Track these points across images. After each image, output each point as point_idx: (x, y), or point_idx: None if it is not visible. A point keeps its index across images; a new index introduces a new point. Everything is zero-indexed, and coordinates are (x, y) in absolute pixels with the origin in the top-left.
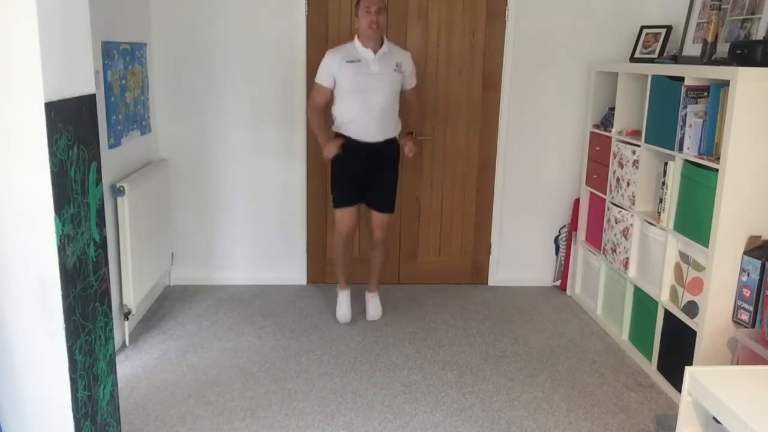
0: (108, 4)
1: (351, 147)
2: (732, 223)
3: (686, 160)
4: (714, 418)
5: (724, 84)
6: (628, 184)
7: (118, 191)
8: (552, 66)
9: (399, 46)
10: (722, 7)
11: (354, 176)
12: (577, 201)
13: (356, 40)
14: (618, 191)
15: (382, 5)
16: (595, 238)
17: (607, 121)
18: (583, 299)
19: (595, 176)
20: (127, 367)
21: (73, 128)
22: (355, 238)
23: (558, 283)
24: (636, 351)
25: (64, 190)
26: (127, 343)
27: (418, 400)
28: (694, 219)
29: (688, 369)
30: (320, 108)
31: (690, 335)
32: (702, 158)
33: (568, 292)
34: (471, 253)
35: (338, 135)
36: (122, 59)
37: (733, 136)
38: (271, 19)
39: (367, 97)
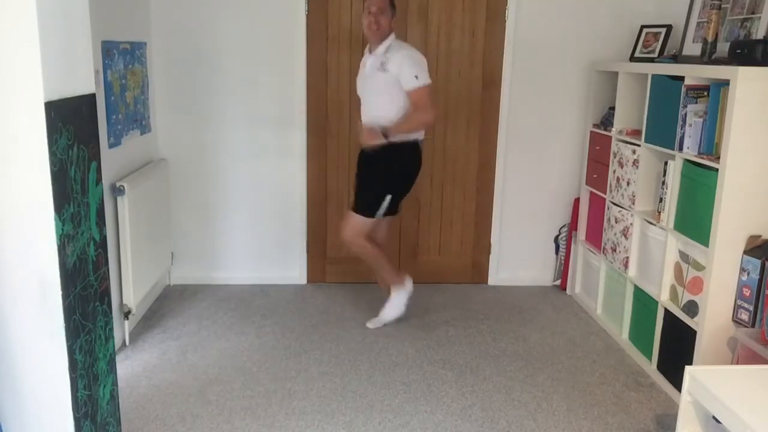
0: (108, 3)
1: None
2: (732, 223)
3: (686, 160)
4: (714, 417)
5: (724, 83)
6: (628, 184)
7: (118, 191)
8: (552, 66)
9: (410, 46)
10: (722, 6)
11: (356, 179)
12: (577, 200)
13: None
14: (618, 191)
15: (384, 5)
16: (595, 237)
17: (607, 121)
18: (583, 299)
19: (595, 176)
20: (127, 367)
21: (73, 128)
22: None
23: (558, 282)
24: (636, 350)
25: (64, 190)
26: (127, 342)
27: (418, 399)
28: (694, 218)
29: (688, 368)
30: None
31: (690, 335)
32: (702, 158)
33: (568, 291)
34: (471, 253)
35: None
36: (122, 59)
37: (733, 135)
38: (271, 19)
39: (362, 99)
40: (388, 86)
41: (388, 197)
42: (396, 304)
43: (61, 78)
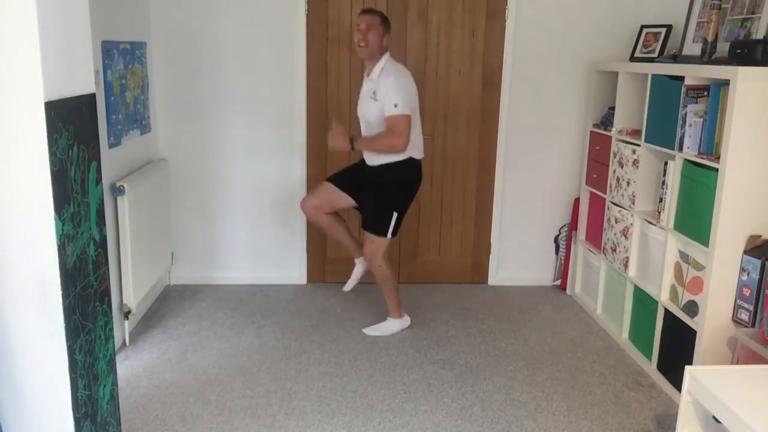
0: (108, 3)
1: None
2: (732, 223)
3: (686, 160)
4: (714, 417)
5: (724, 83)
6: (628, 184)
7: (118, 191)
8: (552, 65)
9: (400, 64)
10: (722, 6)
11: (351, 169)
12: (577, 200)
13: None
14: (618, 191)
15: (373, 22)
16: (595, 237)
17: (607, 121)
18: (583, 299)
19: (595, 176)
20: (127, 367)
21: (73, 128)
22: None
23: (558, 282)
24: (636, 350)
25: (64, 190)
26: (127, 342)
27: (418, 399)
28: (694, 218)
29: (688, 368)
30: None
31: (690, 335)
32: (702, 158)
33: (568, 291)
34: (471, 253)
35: None
36: (122, 58)
37: (733, 135)
38: (271, 19)
39: (362, 123)
40: (381, 115)
41: (395, 215)
42: (388, 328)
43: (61, 78)
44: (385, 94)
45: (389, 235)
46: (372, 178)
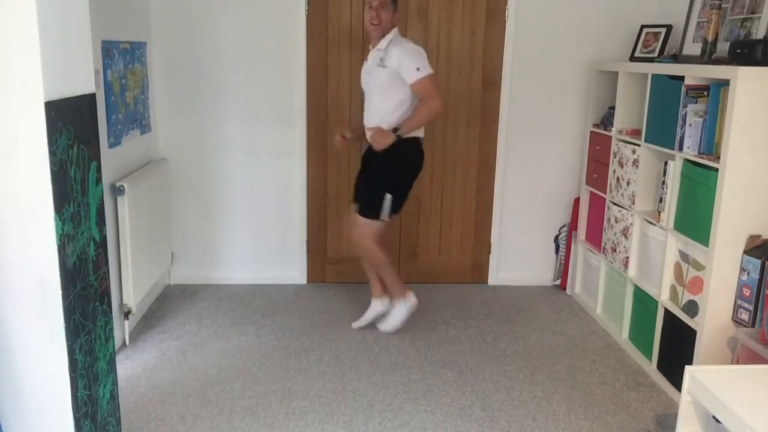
0: (108, 3)
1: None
2: (732, 223)
3: (686, 160)
4: (714, 417)
5: (724, 83)
6: (628, 184)
7: (118, 190)
8: (552, 65)
9: (409, 41)
10: (722, 6)
11: (358, 176)
12: (577, 200)
13: None
14: (618, 190)
15: (385, 0)
16: (595, 237)
17: (607, 121)
18: (583, 298)
19: (595, 175)
20: (127, 367)
21: (73, 127)
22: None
23: (558, 282)
24: (636, 350)
25: (64, 190)
26: (127, 342)
27: (418, 399)
28: (694, 218)
29: (688, 368)
30: None
31: (690, 334)
32: (702, 157)
33: (568, 291)
34: (471, 252)
35: None
36: (122, 58)
37: (733, 135)
38: (271, 18)
39: (365, 94)
40: (388, 82)
41: (389, 197)
42: (397, 317)
43: (61, 78)
44: (399, 61)
45: (384, 217)
46: (373, 158)
